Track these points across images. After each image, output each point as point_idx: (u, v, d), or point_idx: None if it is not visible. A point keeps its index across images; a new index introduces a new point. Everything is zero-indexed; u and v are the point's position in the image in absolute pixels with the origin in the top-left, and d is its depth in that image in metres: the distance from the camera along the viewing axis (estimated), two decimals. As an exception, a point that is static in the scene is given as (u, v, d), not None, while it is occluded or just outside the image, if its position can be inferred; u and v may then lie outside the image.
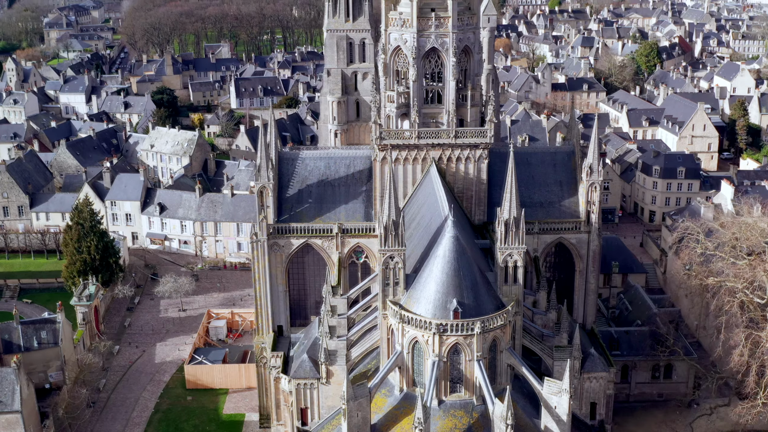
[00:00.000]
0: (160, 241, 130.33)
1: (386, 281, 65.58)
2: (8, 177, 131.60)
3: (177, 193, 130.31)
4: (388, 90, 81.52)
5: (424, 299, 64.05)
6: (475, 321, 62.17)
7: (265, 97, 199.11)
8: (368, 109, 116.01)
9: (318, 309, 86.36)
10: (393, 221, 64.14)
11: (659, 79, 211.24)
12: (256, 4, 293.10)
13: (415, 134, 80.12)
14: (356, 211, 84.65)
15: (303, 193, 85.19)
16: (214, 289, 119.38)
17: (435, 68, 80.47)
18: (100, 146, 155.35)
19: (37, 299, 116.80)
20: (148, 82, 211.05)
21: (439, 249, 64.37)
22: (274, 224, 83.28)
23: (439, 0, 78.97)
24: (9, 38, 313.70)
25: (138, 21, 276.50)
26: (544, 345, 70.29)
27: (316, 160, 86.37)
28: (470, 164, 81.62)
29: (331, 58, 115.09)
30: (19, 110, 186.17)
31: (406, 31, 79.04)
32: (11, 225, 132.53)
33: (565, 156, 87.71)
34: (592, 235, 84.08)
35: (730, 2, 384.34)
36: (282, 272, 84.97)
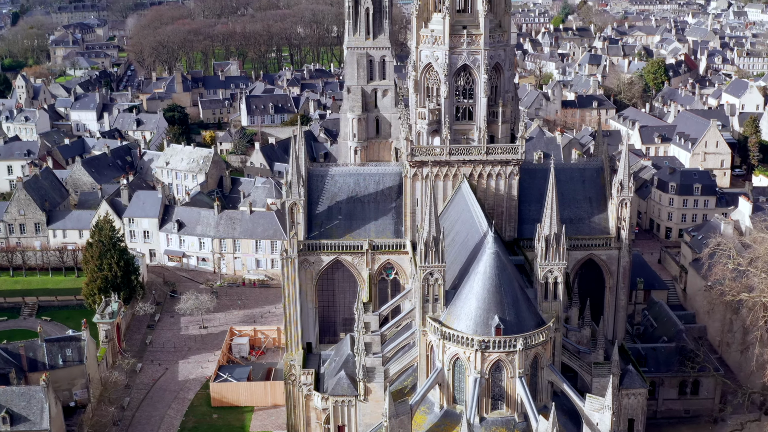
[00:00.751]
0: (178, 258, 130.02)
1: (426, 297, 65.39)
2: (25, 194, 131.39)
3: (195, 210, 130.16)
4: (419, 107, 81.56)
5: (464, 315, 63.85)
6: (517, 337, 61.94)
7: (276, 114, 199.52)
8: (388, 126, 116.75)
9: (347, 326, 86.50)
10: (433, 237, 64.02)
11: (668, 96, 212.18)
12: (263, 23, 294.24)
13: (447, 151, 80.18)
14: (386, 227, 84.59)
15: (333, 209, 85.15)
16: (234, 306, 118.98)
17: (466, 85, 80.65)
18: (115, 163, 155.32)
19: (56, 317, 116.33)
20: (158, 100, 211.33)
21: (480, 265, 64.24)
22: (304, 241, 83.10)
23: (471, 17, 79.33)
24: (15, 56, 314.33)
25: (146, 39, 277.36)
26: (582, 361, 70.02)
27: (345, 176, 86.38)
28: (501, 181, 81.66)
29: (352, 76, 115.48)
30: (30, 127, 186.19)
31: (438, 48, 79.28)
32: (28, 242, 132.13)
33: (594, 172, 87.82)
34: (622, 252, 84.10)
35: (732, 20, 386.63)
36: (312, 289, 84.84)
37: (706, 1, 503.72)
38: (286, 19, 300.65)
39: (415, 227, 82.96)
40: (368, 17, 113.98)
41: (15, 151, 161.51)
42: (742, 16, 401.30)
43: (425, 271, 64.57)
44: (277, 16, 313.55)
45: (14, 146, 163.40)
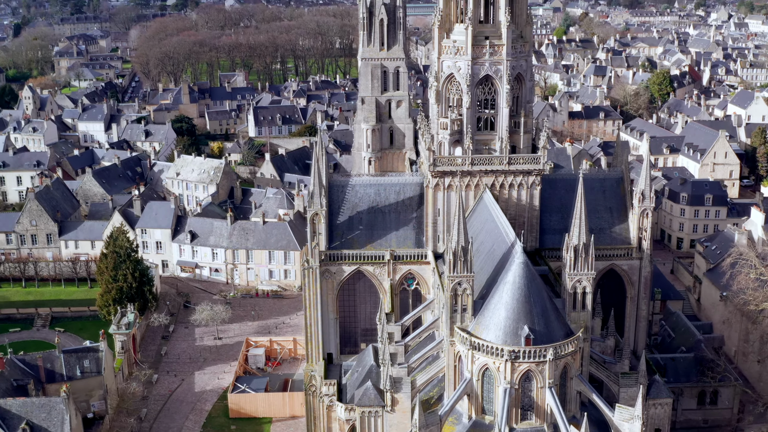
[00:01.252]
0: (191, 269, 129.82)
1: (454, 308, 65.28)
2: (37, 205, 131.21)
3: (208, 221, 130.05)
4: (441, 117, 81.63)
5: (493, 326, 63.71)
6: (547, 347, 61.80)
7: (283, 125, 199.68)
8: (402, 137, 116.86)
9: (367, 336, 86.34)
10: (462, 247, 63.97)
11: (673, 107, 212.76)
12: (268, 34, 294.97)
13: (469, 161, 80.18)
14: (407, 237, 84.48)
15: (354, 219, 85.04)
16: (248, 317, 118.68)
17: (488, 95, 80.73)
18: (125, 174, 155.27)
19: (69, 328, 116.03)
20: (165, 111, 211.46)
21: (509, 275, 64.16)
22: (326, 251, 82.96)
23: (493, 28, 79.49)
24: (20, 67, 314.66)
25: (152, 50, 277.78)
26: (609, 372, 69.86)
27: (366, 186, 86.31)
28: (523, 191, 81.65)
29: (366, 87, 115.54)
30: (38, 138, 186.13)
31: (460, 59, 79.39)
32: (39, 253, 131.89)
33: (614, 182, 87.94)
34: (644, 262, 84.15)
35: (733, 31, 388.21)
36: (333, 299, 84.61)
37: (706, 13, 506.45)
38: (291, 31, 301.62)
39: (436, 237, 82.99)
40: (382, 28, 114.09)
41: (24, 161, 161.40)
42: (743, 27, 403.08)
43: (454, 281, 64.46)
44: (282, 27, 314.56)
45: (23, 157, 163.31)
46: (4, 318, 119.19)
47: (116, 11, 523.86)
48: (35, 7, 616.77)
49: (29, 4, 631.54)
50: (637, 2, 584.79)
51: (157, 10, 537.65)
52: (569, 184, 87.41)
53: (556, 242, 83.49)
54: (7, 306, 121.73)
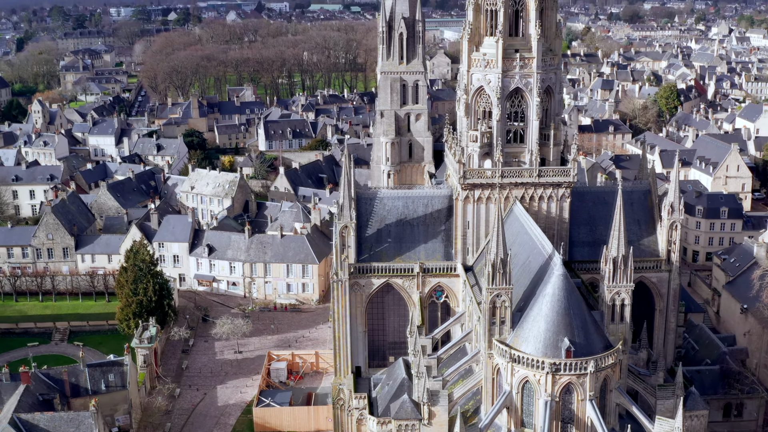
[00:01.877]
0: (208, 283, 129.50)
1: (492, 320, 65.15)
2: (54, 218, 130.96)
3: (225, 235, 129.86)
4: (471, 129, 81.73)
5: (533, 338, 63.59)
6: (588, 360, 61.71)
7: (294, 139, 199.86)
8: (421, 150, 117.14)
9: (395, 349, 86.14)
10: (501, 259, 63.93)
11: (682, 121, 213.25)
12: (275, 49, 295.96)
13: (499, 173, 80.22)
14: (436, 250, 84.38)
15: (382, 232, 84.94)
16: (268, 330, 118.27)
17: (517, 108, 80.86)
18: (139, 188, 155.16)
19: (88, 342, 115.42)
20: (175, 125, 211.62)
21: (548, 287, 64.10)
22: (355, 264, 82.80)
23: (523, 41, 79.72)
24: (25, 81, 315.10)
25: (159, 65, 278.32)
26: (646, 384, 69.67)
27: (394, 199, 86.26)
28: (552, 203, 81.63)
29: (385, 100, 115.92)
30: (49, 152, 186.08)
31: (490, 72, 79.57)
32: (56, 267, 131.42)
33: (642, 195, 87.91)
34: (672, 274, 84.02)
35: (735, 45, 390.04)
36: (362, 312, 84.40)
37: (706, 27, 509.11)
38: (297, 46, 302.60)
39: (465, 250, 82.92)
40: (402, 42, 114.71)
41: (37, 175, 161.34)
42: (744, 41, 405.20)
43: (492, 293, 64.39)
44: (288, 42, 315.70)
45: (36, 171, 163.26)
46: (21, 332, 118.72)
47: (118, 26, 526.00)
48: (36, 22, 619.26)
49: (31, 19, 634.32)
50: (637, 17, 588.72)
51: (159, 24, 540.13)
52: (597, 197, 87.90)
53: (584, 255, 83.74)
54: (24, 320, 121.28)
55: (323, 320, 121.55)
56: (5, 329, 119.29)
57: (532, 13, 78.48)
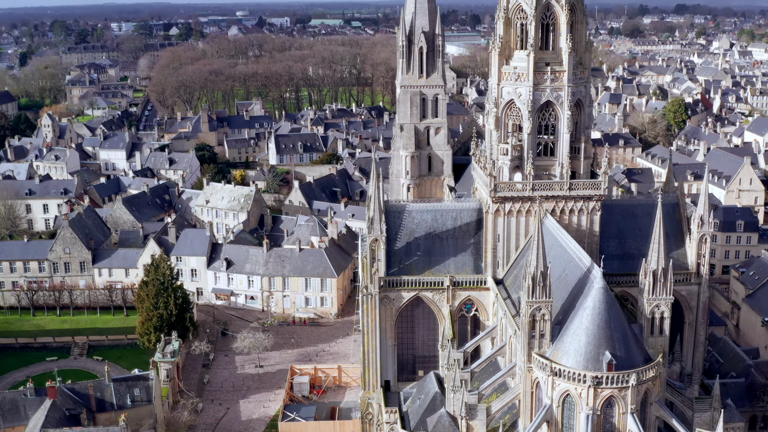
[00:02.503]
0: (226, 297, 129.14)
1: (532, 333, 64.98)
2: (71, 232, 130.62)
3: (243, 248, 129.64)
4: (501, 143, 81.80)
5: (573, 351, 63.41)
6: (630, 373, 61.52)
7: (304, 153, 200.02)
8: (440, 164, 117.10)
9: (424, 363, 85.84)
10: (541, 272, 63.84)
11: (691, 135, 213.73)
12: (282, 63, 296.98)
13: (530, 186, 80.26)
14: (465, 263, 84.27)
15: (411, 245, 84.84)
16: (288, 344, 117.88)
17: (548, 121, 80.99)
18: (154, 202, 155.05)
19: (107, 356, 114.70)
20: (185, 139, 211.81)
21: (588, 300, 63.95)
22: (385, 277, 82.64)
23: (553, 55, 79.97)
24: (31, 95, 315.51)
25: (168, 79, 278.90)
26: (684, 396, 69.45)
27: (423, 212, 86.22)
28: (583, 216, 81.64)
29: (405, 114, 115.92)
30: (60, 166, 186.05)
31: (521, 85, 79.76)
32: (72, 281, 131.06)
33: (670, 208, 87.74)
34: (702, 287, 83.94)
35: (738, 59, 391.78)
36: (391, 326, 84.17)
37: (707, 42, 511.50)
38: (305, 60, 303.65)
39: (495, 263, 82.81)
40: (421, 56, 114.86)
41: (51, 189, 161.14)
42: (747, 55, 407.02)
43: (532, 306, 64.25)
44: (296, 57, 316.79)
45: (50, 185, 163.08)
46: (40, 346, 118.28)
47: (120, 40, 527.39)
48: (38, 37, 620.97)
49: (32, 34, 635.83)
50: (638, 31, 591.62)
51: (161, 39, 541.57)
52: (625, 210, 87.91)
53: (614, 268, 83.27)
54: (42, 334, 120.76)
55: (343, 334, 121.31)
56: (23, 344, 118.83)
57: (563, 27, 78.76)
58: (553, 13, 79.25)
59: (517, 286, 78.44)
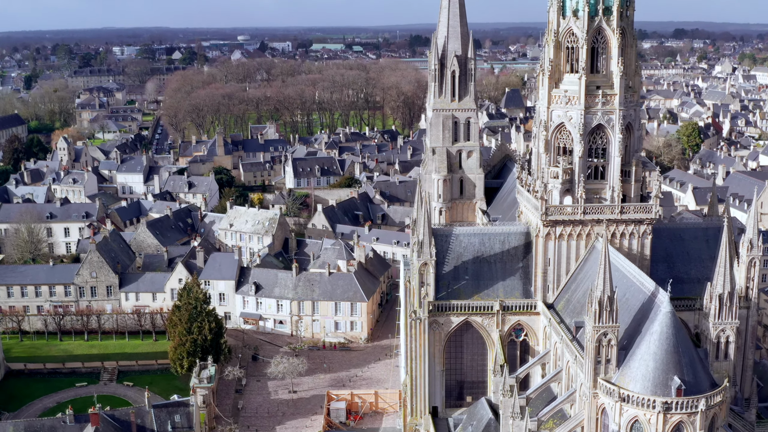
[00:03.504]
0: (254, 321, 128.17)
1: (598, 358, 64.28)
2: (98, 256, 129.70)
3: (272, 272, 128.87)
4: (552, 166, 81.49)
5: (641, 377, 62.71)
6: (699, 398, 60.82)
7: (322, 176, 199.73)
8: (472, 187, 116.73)
9: (473, 389, 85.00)
10: (608, 297, 63.26)
11: (706, 158, 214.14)
12: (294, 87, 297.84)
13: (581, 210, 79.86)
14: (514, 287, 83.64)
15: (459, 269, 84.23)
16: (320, 369, 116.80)
17: (599, 144, 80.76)
18: (177, 225, 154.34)
19: (138, 381, 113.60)
20: (200, 163, 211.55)
21: (655, 325, 63.35)
22: (434, 301, 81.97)
23: (604, 78, 79.89)
24: (41, 118, 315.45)
25: (180, 102, 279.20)
26: (745, 420, 68.78)
27: (470, 236, 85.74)
28: (634, 240, 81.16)
29: (437, 137, 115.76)
30: (78, 189, 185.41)
31: (572, 109, 79.57)
32: (99, 305, 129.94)
33: (716, 231, 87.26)
34: (751, 311, 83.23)
35: (742, 83, 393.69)
36: (440, 351, 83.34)
37: (709, 66, 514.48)
38: (317, 84, 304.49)
39: (546, 287, 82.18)
40: (454, 80, 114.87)
41: (72, 213, 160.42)
42: (751, 79, 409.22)
43: (599, 331, 63.58)
44: (308, 80, 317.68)
45: (71, 208, 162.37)
46: (68, 372, 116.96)
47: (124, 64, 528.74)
48: (42, 60, 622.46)
49: (35, 57, 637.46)
50: (639, 56, 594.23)
51: (165, 63, 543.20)
52: (673, 234, 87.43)
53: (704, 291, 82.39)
54: (71, 359, 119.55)
55: (374, 359, 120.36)
56: (52, 369, 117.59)
57: (614, 51, 78.74)
58: (604, 36, 79.26)
59: (571, 310, 77.97)
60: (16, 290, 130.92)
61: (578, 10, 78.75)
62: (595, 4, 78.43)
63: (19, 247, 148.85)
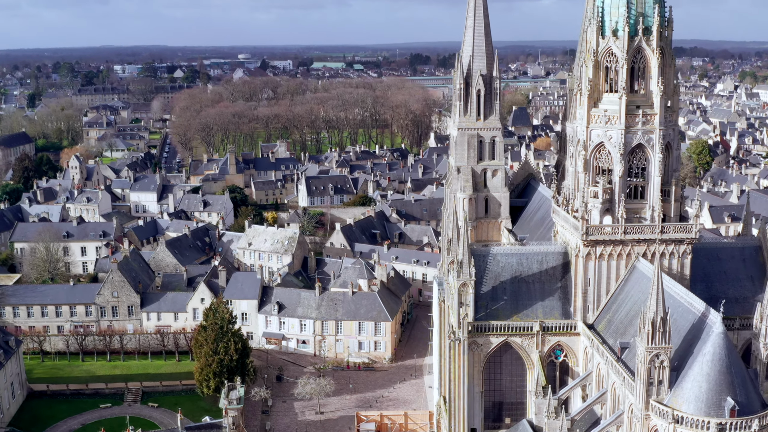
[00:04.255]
0: (277, 341, 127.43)
1: (650, 380, 63.84)
2: (119, 276, 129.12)
3: (295, 292, 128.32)
4: (591, 186, 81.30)
5: (694, 398, 62.33)
6: (752, 419, 60.50)
7: (335, 195, 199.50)
8: (497, 206, 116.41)
9: (512, 410, 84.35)
10: (661, 318, 62.93)
11: (717, 177, 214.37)
12: (303, 106, 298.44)
13: (622, 230, 79.59)
14: (553, 308, 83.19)
15: (497, 289, 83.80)
16: (346, 390, 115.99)
17: (638, 164, 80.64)
18: (195, 245, 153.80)
19: (163, 403, 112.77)
20: (212, 181, 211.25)
21: (707, 346, 63.01)
22: (473, 322, 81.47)
23: (644, 98, 79.89)
24: (48, 136, 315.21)
25: (190, 121, 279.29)
26: (795, 443, 68.20)
27: (507, 256, 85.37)
28: (674, 260, 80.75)
29: (462, 156, 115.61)
30: (93, 208, 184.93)
31: (612, 128, 79.49)
32: (120, 325, 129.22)
33: (753, 251, 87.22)
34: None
35: (746, 101, 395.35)
36: (479, 372, 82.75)
37: (710, 84, 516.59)
38: (326, 102, 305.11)
39: (586, 307, 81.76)
40: (479, 99, 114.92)
41: (89, 232, 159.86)
42: (754, 97, 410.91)
43: (651, 352, 63.21)
44: (316, 99, 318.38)
45: (87, 227, 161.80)
46: (92, 393, 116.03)
47: (126, 82, 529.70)
48: (44, 78, 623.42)
49: (37, 75, 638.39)
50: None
51: (167, 82, 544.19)
52: (710, 253, 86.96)
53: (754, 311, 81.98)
54: (94, 380, 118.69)
55: (399, 379, 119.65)
56: (75, 390, 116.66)
57: (654, 71, 78.83)
58: (644, 56, 79.34)
59: (613, 331, 77.53)
60: (36, 310, 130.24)
61: (618, 30, 78.87)
62: (635, 24, 78.59)
63: (37, 267, 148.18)
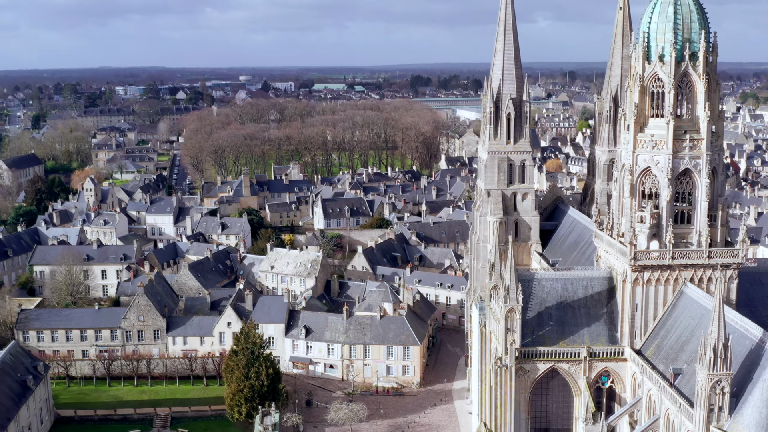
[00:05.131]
0: (304, 366, 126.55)
1: (711, 407, 63.42)
2: (146, 300, 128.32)
3: (322, 315, 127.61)
4: (638, 210, 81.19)
5: (755, 424, 62.19)
6: (816, 448, 60.01)
7: (351, 217, 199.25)
8: (527, 230, 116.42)
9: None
10: (723, 344, 62.61)
11: (732, 198, 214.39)
12: (315, 128, 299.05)
13: (669, 255, 79.40)
14: (600, 333, 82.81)
15: (543, 315, 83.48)
16: (377, 415, 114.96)
17: (685, 189, 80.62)
18: (217, 268, 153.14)
19: (192, 429, 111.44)
20: (227, 204, 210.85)
21: (767, 372, 62.75)
22: (520, 348, 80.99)
23: (690, 123, 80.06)
24: (57, 158, 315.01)
25: (203, 143, 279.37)
26: None
27: (552, 281, 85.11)
28: (720, 284, 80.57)
29: (492, 179, 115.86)
30: (110, 231, 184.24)
31: (659, 153, 79.60)
32: (146, 350, 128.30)
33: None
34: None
35: (749, 122, 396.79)
36: (525, 398, 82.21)
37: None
38: (338, 125, 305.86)
39: (633, 333, 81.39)
40: (509, 122, 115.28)
41: (110, 255, 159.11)
42: (758, 119, 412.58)
43: (713, 379, 62.84)
44: (327, 121, 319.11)
45: (108, 250, 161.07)
46: (120, 418, 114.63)
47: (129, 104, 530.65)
48: (47, 99, 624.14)
49: (39, 97, 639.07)
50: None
51: (170, 103, 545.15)
52: (753, 278, 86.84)
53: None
54: (122, 406, 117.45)
55: (430, 404, 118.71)
56: (103, 416, 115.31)
57: (701, 96, 79.05)
58: (690, 81, 79.62)
59: (663, 356, 77.12)
60: (60, 334, 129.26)
61: (664, 55, 79.19)
62: (682, 50, 78.86)
63: (58, 290, 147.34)
